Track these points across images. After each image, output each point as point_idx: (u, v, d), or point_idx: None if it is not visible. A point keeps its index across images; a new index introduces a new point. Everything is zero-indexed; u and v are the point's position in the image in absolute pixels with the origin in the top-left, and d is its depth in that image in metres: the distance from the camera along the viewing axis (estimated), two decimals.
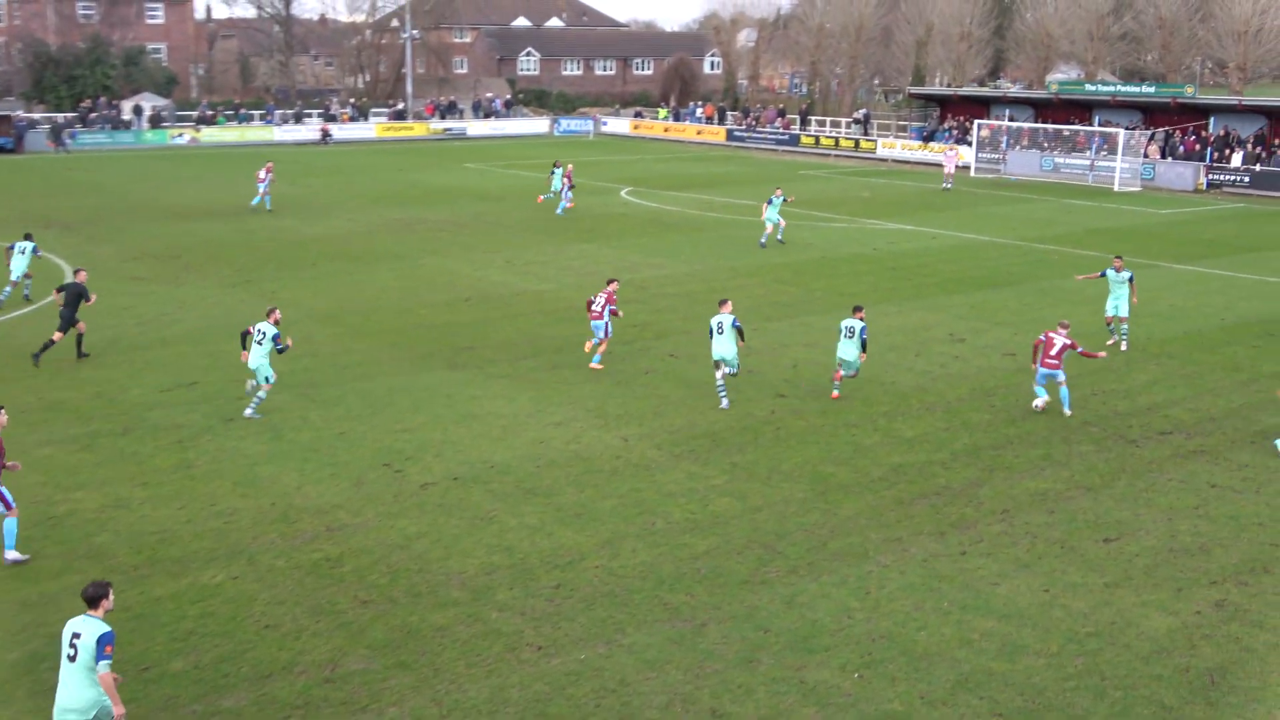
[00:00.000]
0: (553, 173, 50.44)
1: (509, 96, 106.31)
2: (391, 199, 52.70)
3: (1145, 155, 63.80)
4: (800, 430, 21.39)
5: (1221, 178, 61.04)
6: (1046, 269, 37.73)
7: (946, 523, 17.36)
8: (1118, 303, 27.30)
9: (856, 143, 79.43)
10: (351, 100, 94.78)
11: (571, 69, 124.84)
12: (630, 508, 17.75)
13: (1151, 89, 68.81)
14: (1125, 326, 27.55)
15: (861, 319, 23.00)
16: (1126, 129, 64.55)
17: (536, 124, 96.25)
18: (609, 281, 25.85)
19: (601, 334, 25.16)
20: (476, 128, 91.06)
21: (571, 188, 48.32)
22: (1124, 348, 27.44)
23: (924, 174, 68.35)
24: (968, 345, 27.67)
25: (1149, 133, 65.70)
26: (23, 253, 30.26)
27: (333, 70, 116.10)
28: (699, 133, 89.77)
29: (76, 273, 26.10)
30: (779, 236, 41.30)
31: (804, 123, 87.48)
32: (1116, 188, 61.23)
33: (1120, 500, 18.31)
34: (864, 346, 22.89)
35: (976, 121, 70.63)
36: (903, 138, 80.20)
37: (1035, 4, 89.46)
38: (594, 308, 25.08)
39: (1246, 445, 20.94)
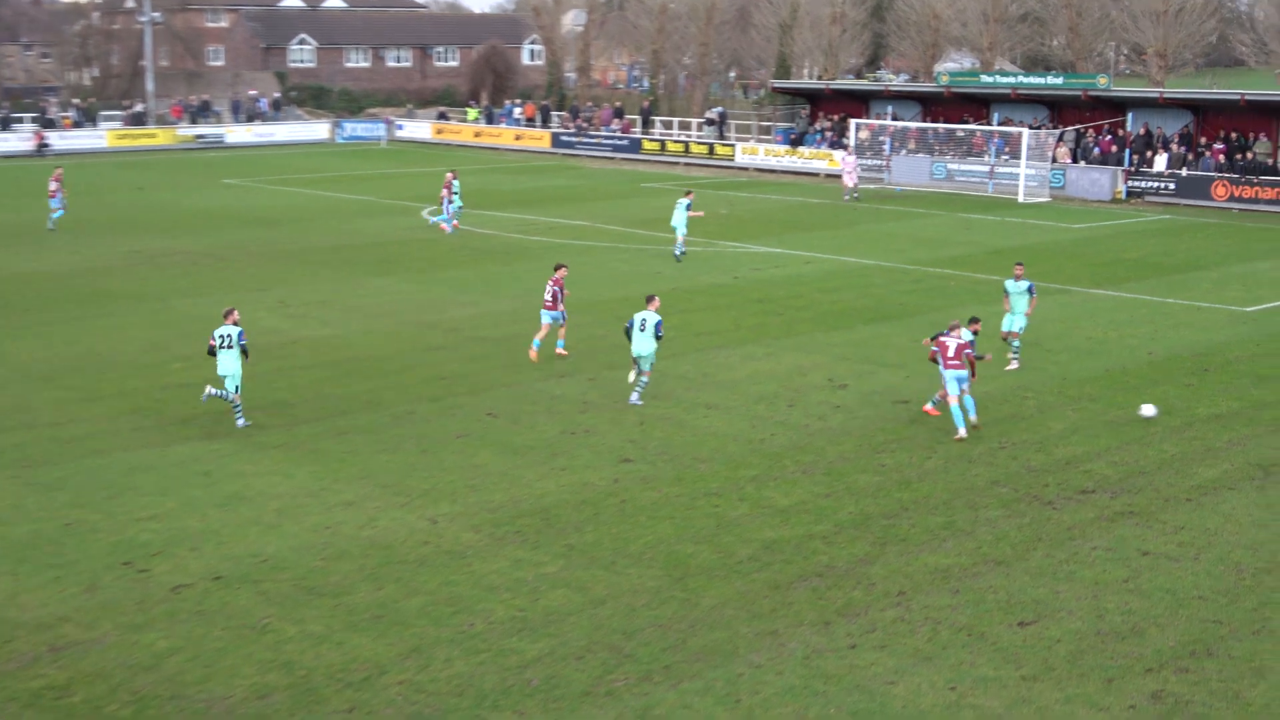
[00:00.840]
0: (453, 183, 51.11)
1: (278, 95, 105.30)
2: (130, 225, 51.58)
3: (1054, 159, 66.23)
4: (651, 502, 21.50)
5: (1143, 184, 63.67)
6: (943, 298, 38.77)
7: (831, 610, 17.61)
8: (1014, 317, 30.16)
9: (710, 148, 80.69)
10: (75, 101, 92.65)
11: (357, 60, 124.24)
12: (442, 606, 17.59)
13: (1059, 80, 71.52)
14: (1018, 343, 30.18)
15: (976, 331, 25.92)
16: (1031, 128, 66.97)
17: (314, 129, 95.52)
18: (557, 267, 30.87)
19: (558, 320, 30.36)
20: (237, 134, 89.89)
21: (451, 201, 50.10)
22: (1015, 365, 30.23)
23: (792, 185, 69.78)
24: (851, 392, 28.22)
25: (1057, 132, 68.28)
26: None
27: (50, 64, 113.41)
28: (518, 138, 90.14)
29: None
30: (677, 250, 44.60)
31: (646, 124, 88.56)
32: (1021, 198, 63.41)
33: (1037, 575, 18.82)
34: (973, 368, 25.51)
35: (853, 121, 72.48)
36: (766, 141, 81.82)
37: None
38: (546, 297, 30.19)
39: (1182, 504, 21.75)
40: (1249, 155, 62.79)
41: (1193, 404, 27.65)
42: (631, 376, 27.28)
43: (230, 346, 25.06)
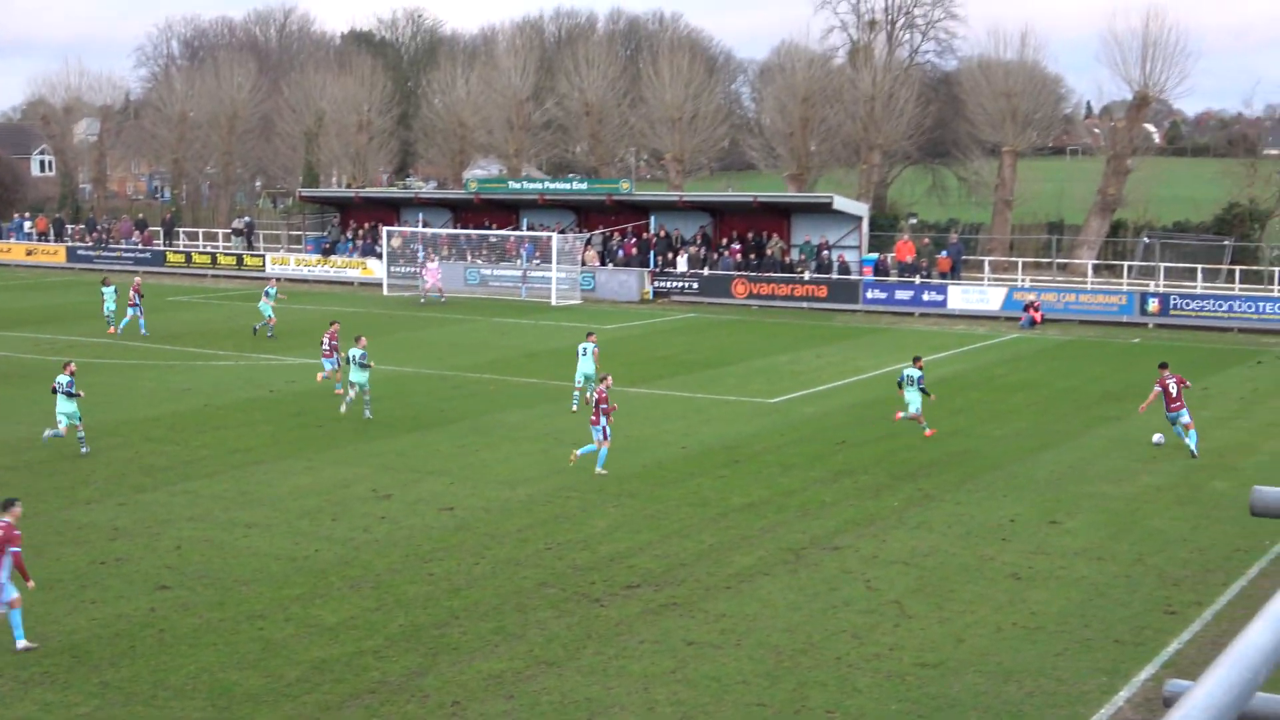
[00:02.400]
0: (103, 291, 54.42)
1: None
2: None
3: (583, 262, 68.49)
4: (192, 630, 20.74)
5: (668, 284, 66.70)
6: (483, 402, 39.28)
7: None
8: (586, 362, 37.70)
9: (239, 259, 79.62)
10: None
11: None
12: None
13: (584, 185, 74.28)
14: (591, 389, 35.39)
15: (920, 368, 35.06)
16: (559, 233, 69.05)
17: None
18: (331, 323, 41.35)
19: (332, 366, 39.72)
20: None
21: (135, 304, 53.40)
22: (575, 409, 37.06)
23: (326, 294, 69.41)
24: (396, 502, 28.14)
25: (585, 236, 70.68)
26: None
27: None
28: (30, 253, 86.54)
29: None
30: (269, 332, 52.46)
31: (170, 236, 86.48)
32: (554, 302, 65.26)
33: (588, 673, 19.17)
34: (925, 391, 34.73)
35: (385, 229, 72.91)
36: (297, 251, 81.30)
37: (444, 88, 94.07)
38: (324, 347, 40.14)
39: (722, 591, 22.67)
40: (765, 254, 66.78)
41: (726, 494, 28.92)
42: (351, 393, 36.49)
43: (61, 391, 32.21)
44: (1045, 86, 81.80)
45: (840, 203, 67.12)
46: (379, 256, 73.39)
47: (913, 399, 34.63)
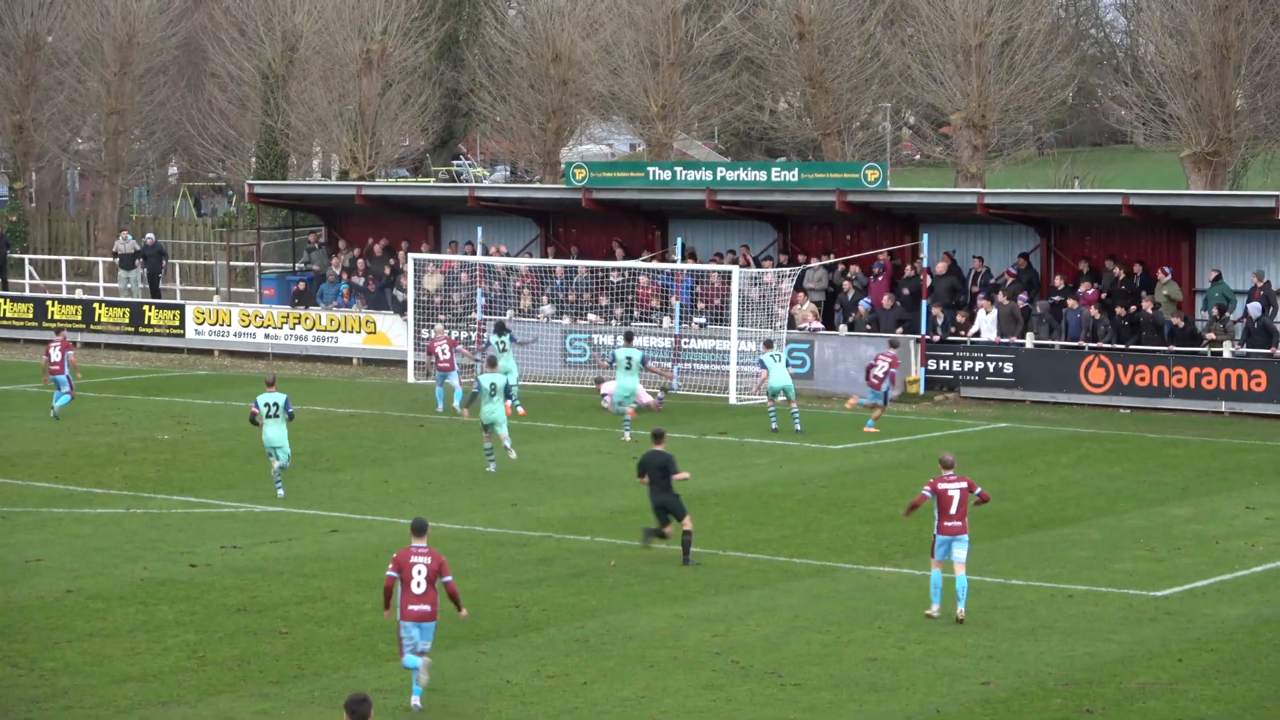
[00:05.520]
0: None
1: None
2: None
3: (791, 321, 67.48)
4: None
5: (958, 364, 65.66)
6: (596, 593, 38.61)
7: None
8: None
9: (136, 312, 79.90)
10: None
11: None
12: None
13: (792, 174, 73.34)
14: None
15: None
16: (746, 266, 68.26)
17: None
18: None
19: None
20: None
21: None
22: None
23: (302, 380, 69.76)
24: None
25: (794, 271, 69.66)
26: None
27: None
28: None
29: None
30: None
31: (1, 267, 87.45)
32: (734, 398, 64.50)
33: None
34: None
35: (413, 256, 72.47)
36: (244, 299, 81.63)
37: None
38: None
39: None
40: (1144, 306, 65.23)
41: None
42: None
43: (276, 415, 46.24)
44: None
45: None
46: (400, 309, 73.14)
47: None
